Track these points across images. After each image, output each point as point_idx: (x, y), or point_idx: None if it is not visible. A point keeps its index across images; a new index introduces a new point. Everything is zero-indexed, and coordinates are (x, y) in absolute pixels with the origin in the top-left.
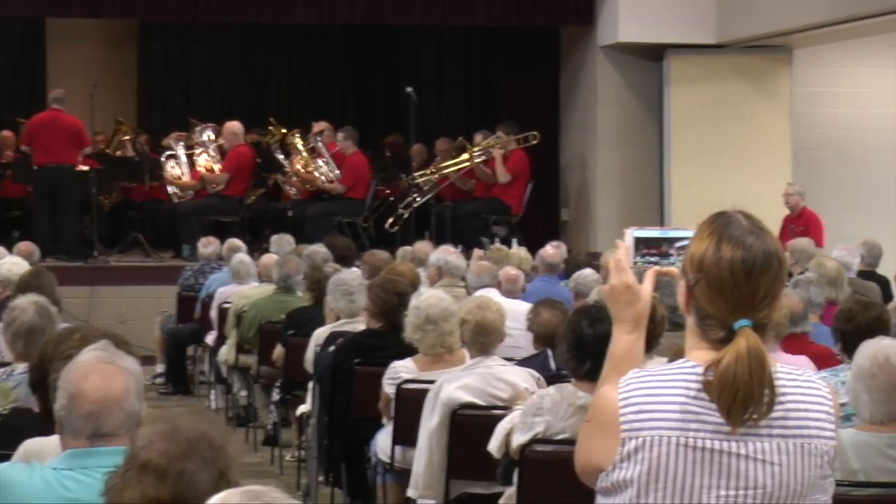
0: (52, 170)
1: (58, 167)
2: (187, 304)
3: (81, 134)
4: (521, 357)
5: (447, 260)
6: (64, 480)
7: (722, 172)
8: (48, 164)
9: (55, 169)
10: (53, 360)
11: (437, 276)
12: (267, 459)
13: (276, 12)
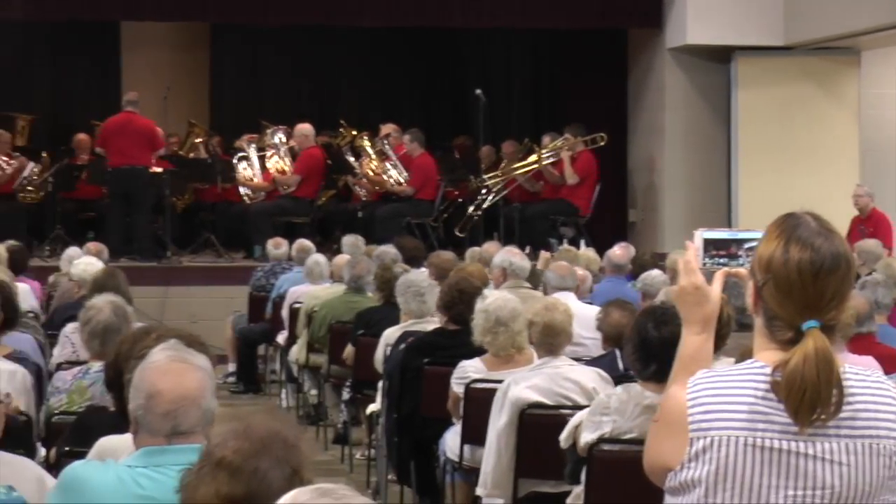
0: (125, 171)
1: (131, 169)
2: (258, 304)
3: (155, 136)
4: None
5: (511, 261)
6: (138, 478)
7: (789, 174)
8: (122, 165)
9: (129, 170)
10: (129, 359)
11: (501, 278)
12: (337, 458)
13: (346, 15)
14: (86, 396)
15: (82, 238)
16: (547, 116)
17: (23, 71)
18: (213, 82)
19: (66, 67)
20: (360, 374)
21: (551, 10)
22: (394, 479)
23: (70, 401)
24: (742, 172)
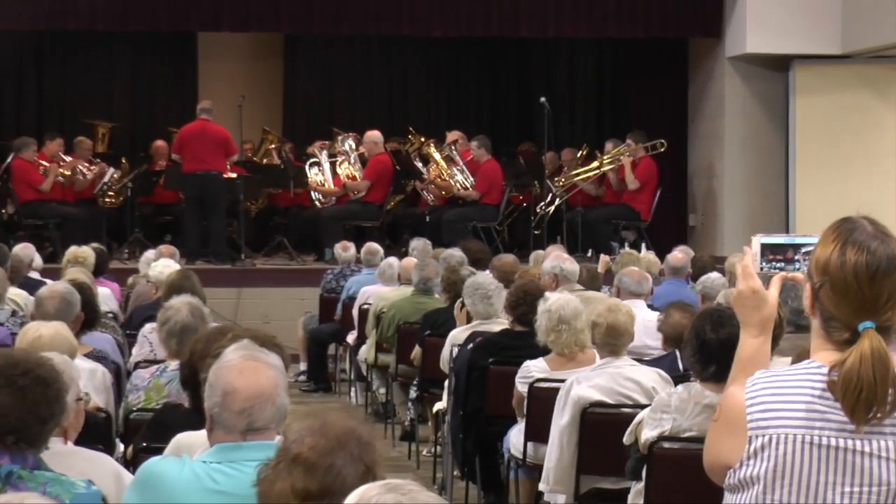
0: (201, 176)
1: (206, 174)
2: (329, 306)
3: (229, 142)
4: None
5: (562, 267)
6: (213, 473)
7: (846, 180)
8: (197, 171)
9: (204, 176)
10: (204, 358)
11: (553, 284)
12: (404, 454)
13: (416, 26)
14: (162, 394)
15: (160, 241)
16: (609, 123)
17: (104, 80)
18: (286, 91)
19: (146, 77)
20: (427, 373)
21: (615, 21)
22: (459, 475)
23: (147, 398)
24: (799, 178)
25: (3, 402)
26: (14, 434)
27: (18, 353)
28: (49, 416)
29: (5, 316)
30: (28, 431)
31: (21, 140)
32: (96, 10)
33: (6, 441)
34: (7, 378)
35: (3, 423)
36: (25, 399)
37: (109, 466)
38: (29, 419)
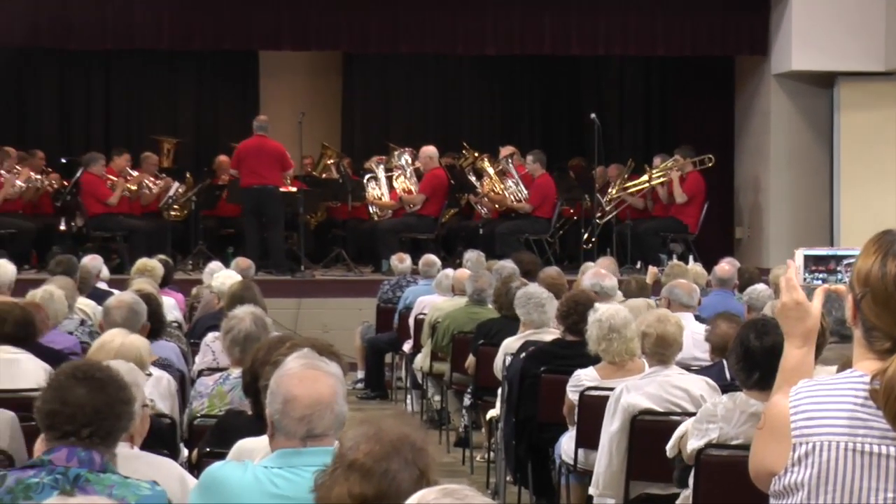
0: (257, 190)
1: (263, 188)
2: (386, 315)
3: (284, 157)
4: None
5: (601, 284)
6: (274, 478)
7: (889, 194)
8: (254, 185)
9: (261, 190)
10: (265, 365)
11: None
12: (459, 460)
13: (470, 44)
14: (225, 401)
15: (223, 253)
16: (657, 139)
17: (169, 97)
18: (344, 107)
19: (209, 94)
20: (481, 381)
21: (663, 39)
22: (512, 480)
23: (211, 405)
24: (844, 192)
25: (81, 395)
26: (90, 427)
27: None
28: (122, 412)
29: (74, 325)
30: (103, 425)
31: (90, 155)
32: (162, 30)
33: (81, 433)
34: (85, 373)
35: (81, 415)
36: (102, 393)
37: (174, 470)
38: (105, 412)
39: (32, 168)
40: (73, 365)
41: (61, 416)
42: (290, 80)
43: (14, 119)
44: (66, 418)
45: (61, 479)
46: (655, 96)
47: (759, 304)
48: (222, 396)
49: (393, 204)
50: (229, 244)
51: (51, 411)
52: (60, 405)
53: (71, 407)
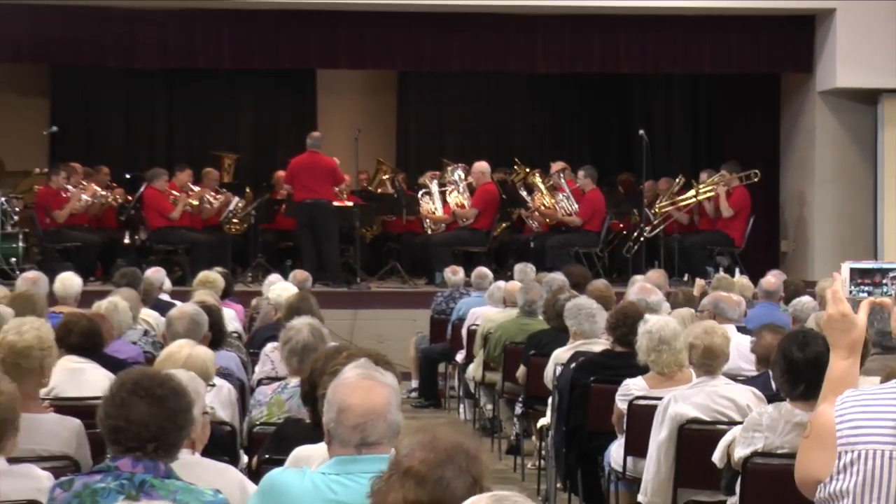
0: (310, 205)
1: (316, 202)
2: (439, 326)
3: (336, 171)
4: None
5: (647, 301)
6: (331, 484)
7: None
8: (307, 199)
9: (313, 204)
10: (322, 375)
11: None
12: (510, 467)
13: (522, 62)
14: (283, 409)
15: (281, 265)
16: (704, 154)
17: (229, 114)
18: (399, 124)
19: (268, 111)
20: (532, 391)
21: (710, 57)
22: (562, 487)
23: (269, 413)
24: (887, 206)
25: (143, 413)
26: (155, 442)
27: (150, 370)
28: (185, 423)
29: (138, 335)
30: (167, 439)
31: (153, 171)
32: (223, 50)
33: (147, 449)
34: (146, 390)
35: (145, 432)
36: (164, 408)
37: (235, 477)
38: (168, 426)
39: (98, 183)
40: (133, 380)
41: (127, 433)
42: (346, 98)
43: (81, 136)
44: (132, 435)
45: (127, 484)
46: (703, 113)
47: (804, 315)
48: (280, 405)
49: (446, 218)
50: (287, 257)
51: (115, 427)
52: (125, 423)
53: (136, 425)
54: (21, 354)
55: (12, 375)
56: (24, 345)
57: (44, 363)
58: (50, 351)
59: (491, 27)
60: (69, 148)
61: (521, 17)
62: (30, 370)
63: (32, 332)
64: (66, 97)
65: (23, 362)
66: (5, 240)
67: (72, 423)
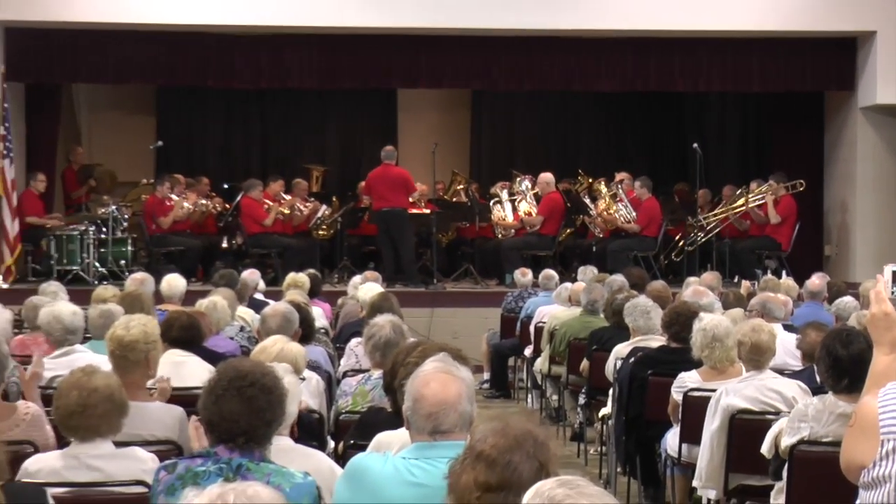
0: (386, 213)
1: (391, 210)
2: (509, 323)
3: (408, 181)
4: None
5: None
6: (411, 468)
7: None
8: (383, 208)
9: (389, 212)
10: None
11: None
12: (574, 453)
13: (586, 82)
14: (367, 399)
15: (365, 268)
16: (754, 165)
17: (318, 130)
18: (472, 138)
19: (353, 127)
20: (594, 383)
21: (759, 76)
22: (622, 471)
23: (354, 402)
24: None
25: (234, 410)
26: (244, 436)
27: (246, 364)
28: (273, 418)
29: (235, 331)
30: (255, 433)
31: (249, 182)
32: (312, 71)
33: (238, 441)
34: (237, 389)
35: (235, 427)
36: (252, 407)
37: (325, 462)
38: (256, 423)
39: (199, 193)
40: (229, 376)
41: (220, 426)
42: (424, 115)
43: (183, 150)
44: (224, 429)
45: (225, 468)
46: (752, 128)
47: (847, 314)
48: (364, 395)
49: (515, 224)
50: (370, 260)
51: (210, 420)
52: (218, 418)
53: (227, 421)
54: (128, 348)
55: (120, 367)
56: (131, 339)
57: (149, 356)
58: (154, 345)
59: (558, 49)
60: (173, 161)
61: (587, 41)
62: (136, 362)
63: (139, 327)
64: (170, 115)
65: (129, 355)
66: (116, 244)
67: (175, 411)
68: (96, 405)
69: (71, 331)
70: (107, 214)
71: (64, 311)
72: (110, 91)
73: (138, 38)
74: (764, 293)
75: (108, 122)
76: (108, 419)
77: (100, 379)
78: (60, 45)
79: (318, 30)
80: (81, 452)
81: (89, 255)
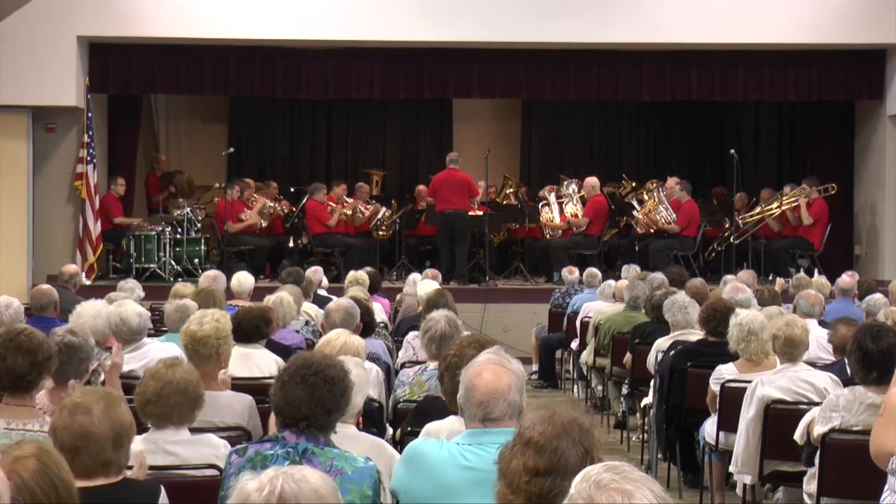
0: (450, 214)
1: (454, 213)
2: (557, 318)
3: (471, 185)
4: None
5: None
6: (464, 453)
7: None
8: (447, 210)
9: (452, 214)
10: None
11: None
12: (617, 440)
13: (629, 92)
14: (423, 388)
15: (421, 266)
16: (788, 170)
17: (378, 137)
18: (522, 145)
19: (411, 134)
20: (637, 374)
21: (793, 86)
22: (662, 457)
23: (411, 392)
24: None
25: (297, 396)
26: (305, 421)
27: (315, 356)
28: (334, 408)
29: (300, 325)
30: (316, 420)
31: (314, 185)
32: (374, 82)
33: (300, 426)
34: (302, 377)
35: (297, 412)
36: (314, 394)
37: (386, 449)
38: (317, 410)
39: (268, 196)
40: (298, 365)
41: (284, 411)
42: (478, 123)
43: (254, 156)
44: (288, 413)
45: (292, 451)
46: (786, 134)
47: (876, 310)
48: (421, 385)
49: (562, 225)
50: (427, 258)
51: (277, 406)
52: (284, 403)
53: (290, 406)
54: (200, 342)
55: (193, 359)
56: (203, 334)
57: (220, 350)
58: (226, 340)
59: (603, 61)
60: (244, 166)
61: (630, 53)
62: (207, 356)
63: (211, 323)
64: (241, 123)
65: (201, 349)
66: (190, 243)
67: (245, 399)
68: (169, 396)
69: (137, 332)
70: (182, 216)
71: (129, 314)
72: (186, 101)
73: (212, 51)
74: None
75: (184, 130)
76: (179, 410)
77: (178, 372)
78: (139, 59)
79: (381, 44)
80: (159, 438)
81: (166, 253)
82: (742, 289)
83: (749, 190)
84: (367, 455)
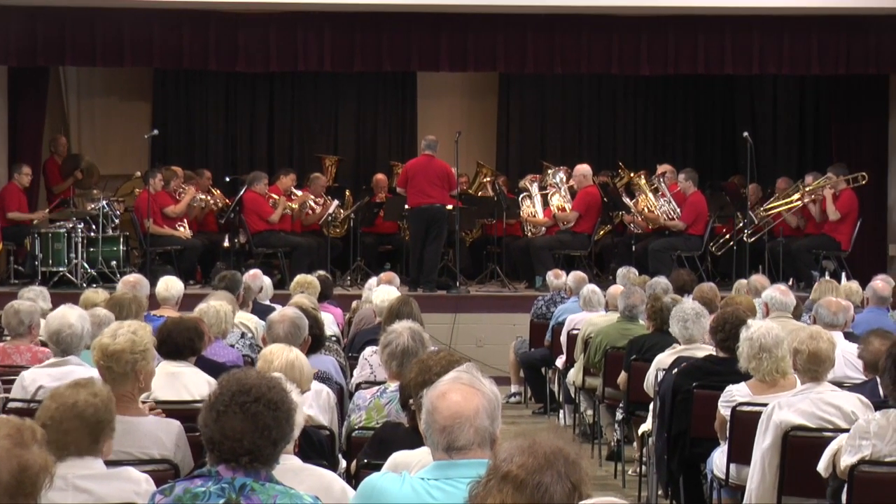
0: (426, 209)
1: (431, 207)
2: (539, 331)
3: (451, 176)
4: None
5: (772, 297)
6: (430, 489)
7: None
8: (423, 204)
9: (429, 209)
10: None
11: (766, 311)
12: (611, 473)
13: (625, 64)
14: (383, 413)
15: (380, 269)
16: (810, 156)
17: (330, 117)
18: (500, 126)
19: (369, 114)
20: (633, 396)
21: (817, 57)
22: (663, 494)
23: (369, 417)
24: None
25: (237, 428)
26: (249, 455)
27: (251, 377)
28: (279, 437)
29: (235, 338)
30: (261, 453)
31: (253, 174)
32: (324, 53)
33: (242, 461)
34: (240, 405)
35: (238, 447)
36: (258, 424)
37: (336, 484)
38: (261, 442)
39: (199, 187)
40: (234, 390)
41: (222, 445)
42: (447, 101)
43: (182, 139)
44: (227, 448)
45: (227, 487)
46: (809, 115)
47: None
48: (380, 409)
49: (547, 221)
50: (387, 260)
51: (211, 438)
52: (220, 436)
53: (230, 440)
54: (113, 358)
55: (107, 378)
56: (116, 349)
57: (136, 367)
58: (144, 355)
59: (594, 28)
60: (170, 151)
61: (625, 18)
62: (123, 374)
63: (127, 336)
64: (167, 101)
65: (115, 366)
66: (106, 243)
67: (171, 425)
68: (62, 421)
69: (80, 337)
70: (97, 210)
71: (71, 317)
72: (101, 75)
73: (132, 16)
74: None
75: (98, 108)
76: (76, 437)
77: (82, 394)
78: (46, 25)
79: (331, 7)
80: (68, 472)
81: (77, 255)
82: (785, 289)
83: (765, 180)
84: (314, 492)
